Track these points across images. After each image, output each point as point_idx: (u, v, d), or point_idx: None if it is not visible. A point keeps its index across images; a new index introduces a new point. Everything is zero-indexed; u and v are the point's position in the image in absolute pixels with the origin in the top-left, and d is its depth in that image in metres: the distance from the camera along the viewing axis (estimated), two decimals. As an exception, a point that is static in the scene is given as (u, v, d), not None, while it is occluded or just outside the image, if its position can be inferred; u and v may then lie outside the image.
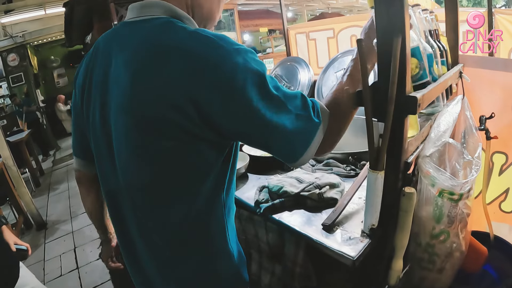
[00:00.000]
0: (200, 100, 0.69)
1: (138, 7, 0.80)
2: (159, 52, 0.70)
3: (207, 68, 0.68)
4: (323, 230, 0.97)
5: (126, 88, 0.74)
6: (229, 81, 0.68)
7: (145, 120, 0.73)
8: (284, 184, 1.13)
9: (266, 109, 0.72)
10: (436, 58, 1.22)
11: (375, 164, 0.84)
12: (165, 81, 0.69)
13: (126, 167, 0.83)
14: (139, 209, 0.86)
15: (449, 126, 1.15)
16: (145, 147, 0.76)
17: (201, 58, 0.68)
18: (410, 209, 0.89)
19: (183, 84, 0.68)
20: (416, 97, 0.78)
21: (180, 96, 0.68)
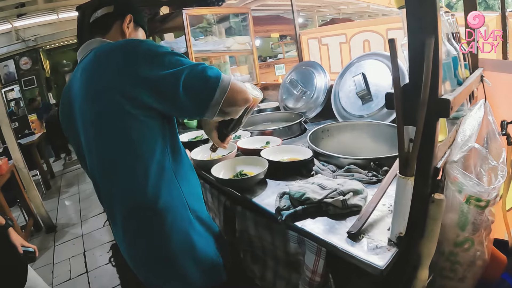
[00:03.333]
0: (120, 86, 0.96)
1: (81, 49, 1.15)
2: (94, 64, 1.02)
3: (118, 62, 0.97)
4: (348, 239, 0.93)
5: (82, 96, 1.05)
6: (130, 67, 0.95)
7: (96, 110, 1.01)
8: (306, 190, 1.10)
9: (162, 78, 0.95)
10: (460, 61, 1.20)
11: (405, 169, 0.80)
12: (102, 82, 0.99)
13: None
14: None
15: (474, 131, 1.13)
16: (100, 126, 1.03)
17: (112, 56, 0.99)
18: (439, 216, 0.86)
19: (111, 80, 0.97)
20: (449, 100, 0.75)
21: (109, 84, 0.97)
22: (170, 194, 1.06)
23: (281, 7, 8.52)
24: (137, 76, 0.94)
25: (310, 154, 1.45)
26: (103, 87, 0.97)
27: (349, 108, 1.87)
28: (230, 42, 2.74)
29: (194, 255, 1.09)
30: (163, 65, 0.95)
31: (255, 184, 1.34)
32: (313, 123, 2.11)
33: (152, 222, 1.05)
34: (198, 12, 2.57)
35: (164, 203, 1.04)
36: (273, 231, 1.20)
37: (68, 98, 1.12)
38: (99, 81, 0.98)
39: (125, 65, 0.95)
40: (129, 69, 0.95)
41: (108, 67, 0.97)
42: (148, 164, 1.02)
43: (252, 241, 1.32)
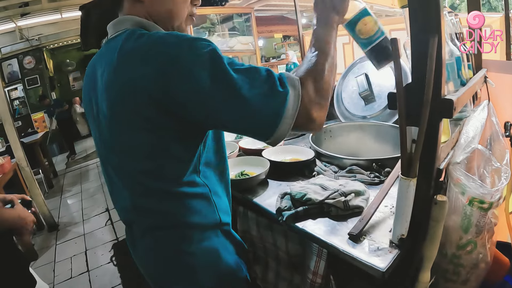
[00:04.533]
0: (157, 93, 0.76)
1: (112, 26, 0.92)
2: (120, 58, 0.80)
3: (158, 64, 0.75)
4: (350, 240, 0.92)
5: (104, 91, 0.85)
6: (173, 70, 0.75)
7: (120, 119, 0.84)
8: (307, 191, 1.09)
9: (221, 87, 0.75)
10: (464, 62, 1.19)
11: (408, 170, 0.80)
12: (128, 81, 0.78)
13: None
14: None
15: (477, 132, 1.12)
16: (123, 141, 0.87)
17: (152, 57, 0.76)
18: (442, 218, 0.85)
19: (142, 82, 0.76)
20: (452, 100, 0.75)
21: (143, 91, 0.77)
22: (203, 212, 0.94)
23: (284, 7, 8.54)
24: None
25: (312, 155, 1.44)
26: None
27: (352, 109, 1.86)
28: (233, 42, 2.75)
29: (218, 268, 0.97)
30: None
31: (257, 184, 1.33)
32: (315, 123, 2.07)
33: (180, 237, 0.93)
34: (201, 12, 2.57)
35: (198, 220, 0.93)
36: (274, 232, 1.19)
37: (90, 82, 0.96)
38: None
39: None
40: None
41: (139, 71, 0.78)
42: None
43: (254, 242, 1.31)
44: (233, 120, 0.78)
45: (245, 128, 0.80)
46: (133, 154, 0.88)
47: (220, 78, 0.75)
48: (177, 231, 0.92)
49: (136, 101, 0.78)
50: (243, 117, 0.76)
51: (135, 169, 0.89)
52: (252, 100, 0.75)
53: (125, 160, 0.90)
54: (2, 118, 3.77)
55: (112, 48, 0.85)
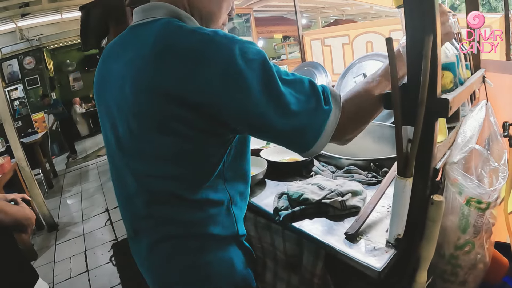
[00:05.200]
0: (199, 95, 0.70)
1: (141, 11, 0.83)
2: (159, 52, 0.72)
3: (202, 63, 0.69)
4: (346, 240, 0.93)
5: (127, 87, 0.77)
6: (225, 74, 0.69)
7: (146, 116, 0.76)
8: (304, 191, 1.09)
9: (269, 98, 0.72)
10: (461, 61, 1.19)
11: (404, 170, 0.80)
12: (164, 79, 0.71)
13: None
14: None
15: (475, 132, 1.12)
16: (148, 142, 0.79)
17: (196, 55, 0.69)
18: (438, 218, 0.85)
19: (181, 82, 0.70)
20: (448, 100, 0.74)
21: (179, 91, 0.70)
22: (223, 223, 0.90)
23: (284, 8, 8.55)
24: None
25: (309, 155, 1.43)
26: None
27: (350, 109, 1.86)
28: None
29: (233, 278, 0.93)
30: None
31: (254, 184, 1.33)
32: (314, 123, 2.08)
33: (197, 247, 0.89)
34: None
35: (217, 232, 0.89)
36: (272, 232, 1.19)
37: (106, 71, 0.89)
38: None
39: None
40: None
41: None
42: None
43: (252, 242, 1.31)
44: (275, 133, 0.77)
45: (285, 141, 0.80)
46: (156, 158, 0.81)
47: (270, 89, 0.72)
48: (195, 241, 0.88)
49: (170, 103, 0.72)
50: (286, 131, 0.76)
51: (156, 173, 0.83)
52: (297, 116, 0.75)
53: (146, 164, 0.84)
54: (2, 118, 3.77)
55: (142, 36, 0.77)
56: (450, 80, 0.97)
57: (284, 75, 0.77)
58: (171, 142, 0.77)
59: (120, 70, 0.80)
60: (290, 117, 0.74)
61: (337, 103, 0.79)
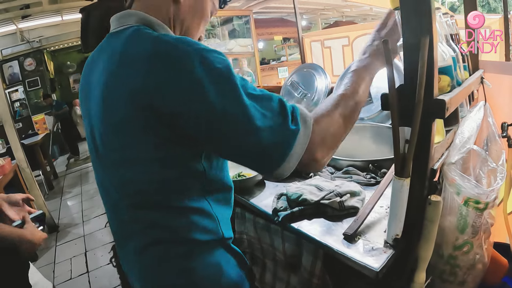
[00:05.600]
0: (160, 103, 0.69)
1: (116, 19, 0.85)
2: (123, 60, 0.73)
3: (162, 70, 0.68)
4: (344, 240, 0.93)
5: (99, 95, 0.79)
6: (182, 82, 0.68)
7: (117, 124, 0.76)
8: (303, 191, 1.09)
9: (230, 110, 0.69)
10: (459, 63, 1.19)
11: (401, 171, 0.80)
12: (128, 87, 0.71)
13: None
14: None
15: (473, 132, 1.12)
16: (120, 150, 0.80)
17: (157, 61, 0.69)
18: (436, 218, 0.86)
19: (144, 89, 0.69)
20: (444, 100, 0.75)
21: (144, 99, 0.70)
22: (207, 228, 0.88)
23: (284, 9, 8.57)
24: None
25: (309, 156, 1.44)
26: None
27: (349, 110, 1.86)
28: (232, 44, 2.75)
29: (220, 283, 0.91)
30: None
31: (253, 185, 1.33)
32: (313, 125, 2.08)
33: (182, 253, 0.88)
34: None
35: (200, 237, 0.87)
36: (271, 232, 1.19)
37: (87, 77, 0.91)
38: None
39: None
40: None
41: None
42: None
43: (251, 243, 1.32)
44: (238, 149, 0.73)
45: (248, 160, 0.75)
46: (129, 166, 0.81)
47: (231, 101, 0.69)
48: (181, 246, 0.87)
49: (137, 111, 0.71)
50: (248, 149, 0.72)
51: (133, 181, 0.83)
52: (262, 133, 0.70)
53: (121, 172, 0.84)
54: (2, 120, 3.78)
55: (114, 44, 0.79)
56: (448, 84, 0.98)
57: (251, 89, 0.73)
58: (142, 150, 0.76)
59: (97, 78, 0.82)
60: (253, 133, 0.70)
61: (307, 124, 0.74)
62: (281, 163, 0.72)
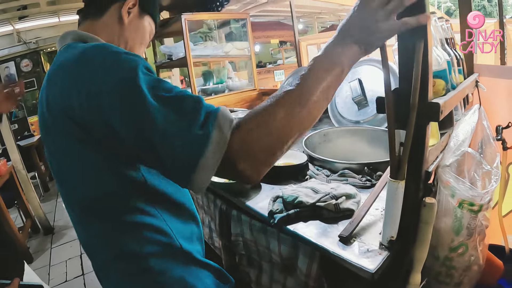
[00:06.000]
0: (78, 111, 0.72)
1: (58, 40, 0.92)
2: (54, 72, 0.80)
3: (81, 76, 0.72)
4: (340, 242, 0.93)
5: (39, 113, 0.86)
6: (87, 88, 0.71)
7: (51, 135, 0.82)
8: (299, 194, 1.10)
9: (129, 114, 0.67)
10: (454, 67, 1.20)
11: (396, 173, 0.81)
12: (52, 98, 0.78)
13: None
14: None
15: (467, 135, 1.13)
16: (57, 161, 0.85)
17: (77, 69, 0.74)
18: (431, 220, 0.86)
19: (69, 94, 0.73)
20: (439, 104, 0.76)
21: (70, 104, 0.73)
22: (159, 241, 0.87)
23: (281, 13, 8.59)
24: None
25: (305, 159, 1.45)
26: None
27: (345, 114, 1.89)
28: (229, 47, 2.75)
29: None
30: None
31: (250, 188, 1.34)
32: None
33: (140, 269, 0.86)
34: (197, 18, 2.59)
35: (152, 250, 0.86)
36: (267, 235, 1.20)
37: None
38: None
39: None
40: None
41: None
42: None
43: (248, 245, 1.32)
44: (150, 156, 0.68)
45: (163, 169, 0.70)
46: (70, 179, 0.84)
47: (133, 102, 0.67)
48: (135, 263, 0.86)
49: (62, 120, 0.75)
50: (155, 157, 0.67)
51: (77, 196, 0.85)
52: (166, 137, 0.65)
53: (67, 187, 0.88)
54: (-2, 121, 3.77)
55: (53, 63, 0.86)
56: (443, 88, 0.99)
57: (163, 90, 0.68)
58: (75, 160, 0.80)
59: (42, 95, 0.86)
60: (159, 136, 0.65)
61: (223, 130, 0.64)
62: (191, 174, 0.65)
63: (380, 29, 0.69)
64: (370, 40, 0.70)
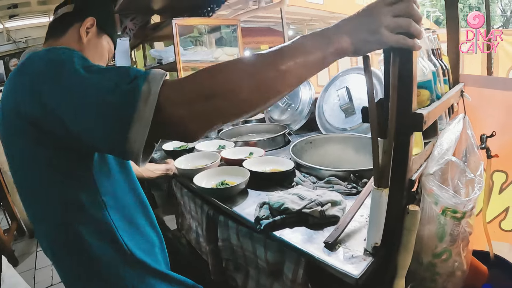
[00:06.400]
0: (29, 106, 0.75)
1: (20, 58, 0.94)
2: (7, 81, 0.84)
3: (25, 76, 0.78)
4: (325, 248, 0.95)
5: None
6: (35, 77, 0.75)
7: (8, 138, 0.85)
8: (285, 200, 1.11)
9: (65, 89, 0.71)
10: (439, 77, 1.23)
11: (380, 181, 0.82)
12: (10, 96, 0.81)
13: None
14: None
15: (451, 144, 1.15)
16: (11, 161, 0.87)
17: (22, 69, 0.80)
18: (414, 227, 0.88)
19: (17, 95, 0.78)
20: (422, 114, 0.78)
21: (19, 104, 0.77)
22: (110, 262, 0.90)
23: (272, 19, 8.61)
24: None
25: (291, 166, 1.47)
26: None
27: (333, 121, 1.91)
28: (219, 53, 2.75)
29: None
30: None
31: (237, 193, 1.35)
32: (297, 135, 2.14)
33: (87, 274, 0.91)
34: (188, 23, 2.59)
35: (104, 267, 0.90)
36: (254, 241, 1.20)
37: None
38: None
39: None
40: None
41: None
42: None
43: (234, 250, 1.32)
44: (88, 130, 0.69)
45: (101, 140, 0.70)
46: (26, 181, 0.87)
47: (65, 77, 0.71)
48: (84, 266, 0.90)
49: (15, 122, 0.79)
50: (94, 125, 0.67)
51: (29, 202, 0.89)
52: (97, 98, 0.65)
53: (22, 187, 0.90)
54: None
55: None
56: (427, 98, 1.01)
57: (95, 66, 0.72)
58: (31, 162, 0.82)
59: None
60: (90, 99, 0.66)
61: (152, 81, 0.63)
62: (127, 132, 0.63)
63: (383, 35, 0.67)
64: (367, 40, 0.68)
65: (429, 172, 1.01)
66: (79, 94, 0.68)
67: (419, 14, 0.68)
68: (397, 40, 0.68)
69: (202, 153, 1.83)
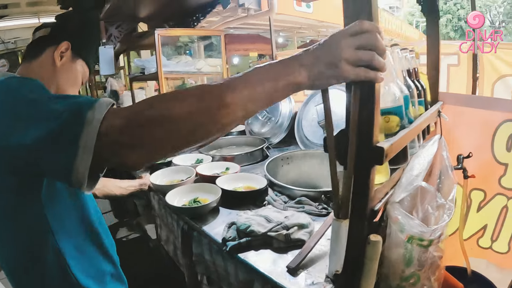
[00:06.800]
0: None
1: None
2: None
3: None
4: (287, 273, 0.95)
5: None
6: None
7: None
8: (252, 222, 1.11)
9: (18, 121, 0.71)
10: (413, 98, 1.22)
11: (339, 212, 0.82)
12: None
13: None
14: None
15: (422, 169, 1.14)
16: None
17: None
18: (376, 257, 0.87)
19: None
20: (383, 148, 0.76)
21: None
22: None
23: (261, 26, 8.64)
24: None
25: (265, 183, 1.47)
26: None
27: (311, 137, 1.91)
28: (201, 64, 2.74)
29: None
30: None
31: (207, 212, 1.35)
32: (276, 149, 2.14)
33: None
34: (170, 34, 2.58)
35: None
36: (225, 258, 1.20)
37: None
38: None
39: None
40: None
41: None
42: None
43: (208, 266, 1.32)
44: (42, 152, 0.68)
45: (50, 164, 0.69)
46: None
47: (15, 106, 0.73)
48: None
49: None
50: (33, 149, 0.68)
51: None
52: (48, 124, 0.66)
53: None
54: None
55: None
56: (397, 124, 1.00)
57: (53, 97, 0.73)
58: None
59: None
60: (43, 124, 0.66)
61: (97, 109, 0.63)
62: (70, 157, 0.63)
63: (342, 69, 0.65)
64: (325, 74, 0.67)
65: (395, 200, 1.01)
66: (27, 121, 0.70)
67: (382, 46, 0.67)
68: (357, 74, 0.66)
69: (179, 167, 1.82)
